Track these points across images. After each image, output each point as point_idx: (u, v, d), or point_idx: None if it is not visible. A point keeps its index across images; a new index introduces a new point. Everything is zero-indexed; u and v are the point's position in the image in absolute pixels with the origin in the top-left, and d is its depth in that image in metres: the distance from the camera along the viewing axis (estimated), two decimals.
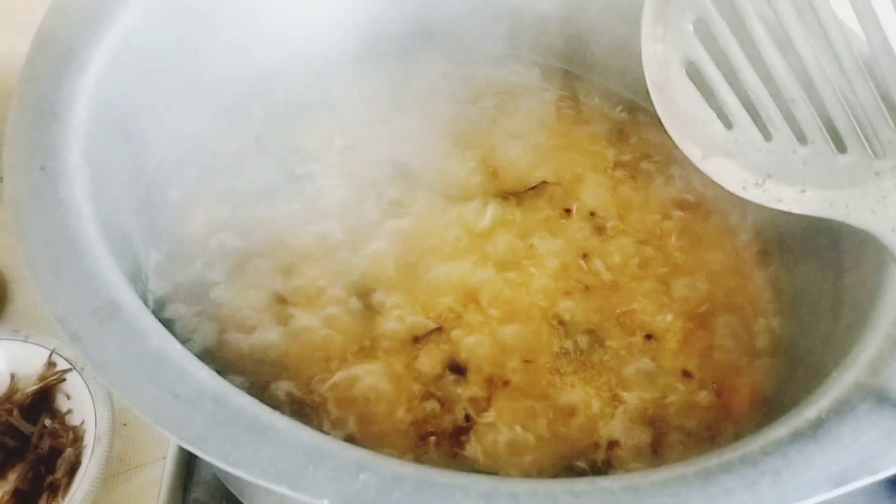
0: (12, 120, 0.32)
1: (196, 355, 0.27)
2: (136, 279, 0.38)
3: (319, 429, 0.29)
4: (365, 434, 0.36)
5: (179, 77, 0.41)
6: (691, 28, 0.33)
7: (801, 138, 0.32)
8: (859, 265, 0.37)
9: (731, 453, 0.26)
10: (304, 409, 0.36)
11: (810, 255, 0.41)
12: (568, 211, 0.46)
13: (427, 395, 0.37)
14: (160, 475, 0.48)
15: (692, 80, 0.34)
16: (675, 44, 0.34)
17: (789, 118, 0.32)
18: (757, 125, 0.33)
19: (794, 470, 0.25)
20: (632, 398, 0.38)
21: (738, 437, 0.37)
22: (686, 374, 0.39)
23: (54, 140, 0.32)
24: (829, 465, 0.25)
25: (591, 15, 0.52)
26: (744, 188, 0.33)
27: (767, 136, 0.33)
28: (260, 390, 0.37)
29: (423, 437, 0.36)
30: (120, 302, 0.28)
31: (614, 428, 0.37)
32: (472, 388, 0.38)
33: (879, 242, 0.31)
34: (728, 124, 0.34)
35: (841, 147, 0.32)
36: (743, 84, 0.33)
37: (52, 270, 0.28)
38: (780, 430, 0.27)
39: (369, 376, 0.38)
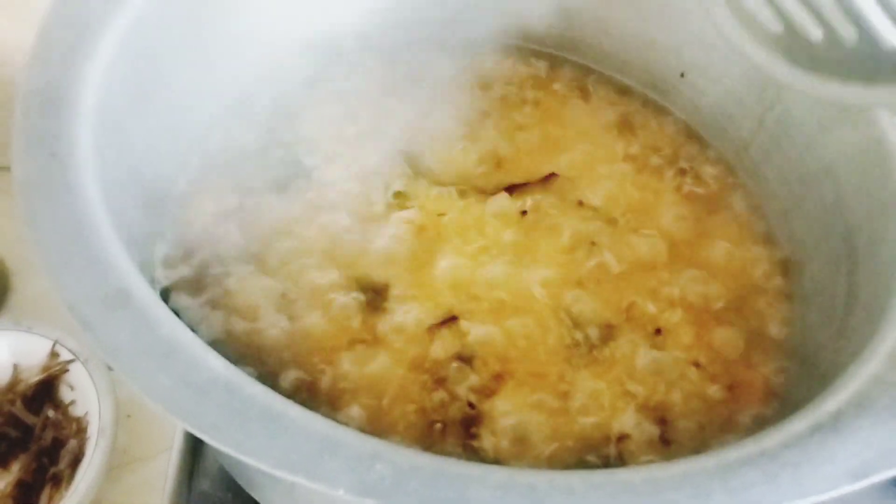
0: (20, 107, 0.32)
1: None
2: (143, 269, 0.37)
3: (329, 419, 0.29)
4: (375, 424, 0.35)
5: (188, 65, 0.41)
6: None
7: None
8: (874, 258, 0.36)
9: (750, 446, 0.26)
10: (312, 400, 0.36)
11: (823, 248, 0.41)
12: (577, 203, 0.45)
13: (436, 387, 0.37)
14: (165, 467, 0.48)
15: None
16: None
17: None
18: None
19: (814, 463, 0.25)
20: (642, 392, 0.38)
21: (750, 431, 0.37)
22: (697, 368, 0.39)
23: (63, 127, 0.31)
24: (849, 458, 0.25)
25: (600, 6, 0.52)
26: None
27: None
28: (268, 381, 0.36)
29: (433, 429, 0.36)
30: (131, 290, 0.27)
31: (625, 422, 0.37)
32: (481, 380, 0.38)
33: None
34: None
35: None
36: None
37: (62, 258, 0.27)
38: (799, 424, 0.27)
39: (377, 367, 0.37)
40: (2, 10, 0.51)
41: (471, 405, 0.36)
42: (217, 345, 0.37)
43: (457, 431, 0.36)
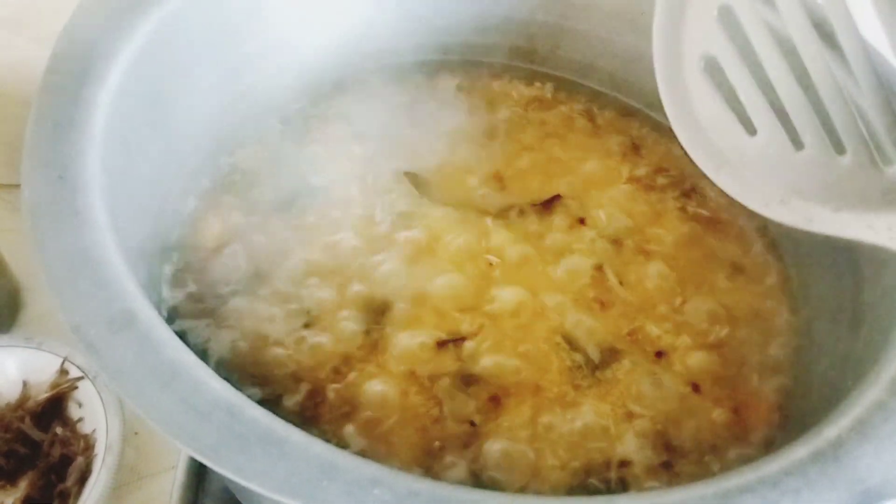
0: (31, 129, 0.32)
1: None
2: (150, 289, 0.38)
3: (332, 442, 0.29)
4: (376, 445, 0.35)
5: (195, 88, 0.42)
6: (716, 14, 0.28)
7: (838, 147, 0.27)
8: (879, 280, 0.36)
9: (750, 473, 0.26)
10: (316, 420, 0.36)
11: (828, 271, 0.41)
12: (582, 224, 0.45)
13: (438, 407, 0.37)
14: (170, 485, 0.48)
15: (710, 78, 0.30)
16: (694, 34, 0.29)
17: (824, 123, 0.28)
18: (786, 131, 0.28)
19: (815, 490, 0.25)
20: (645, 415, 0.38)
21: (754, 455, 0.36)
22: (701, 392, 0.39)
23: (72, 150, 0.32)
24: (851, 485, 0.25)
25: (604, 27, 0.52)
26: (766, 205, 0.29)
27: (798, 144, 0.28)
28: (272, 402, 0.37)
29: (434, 449, 0.36)
30: (136, 312, 0.28)
31: (628, 445, 0.37)
32: (482, 401, 0.37)
33: None
34: (751, 130, 0.29)
35: (885, 159, 0.27)
36: (773, 82, 0.28)
37: (68, 279, 0.28)
38: (800, 450, 0.27)
39: (380, 387, 0.37)
40: (23, 31, 0.52)
41: (472, 425, 0.36)
42: (222, 364, 0.38)
43: (457, 452, 0.36)
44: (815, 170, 0.28)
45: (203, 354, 0.38)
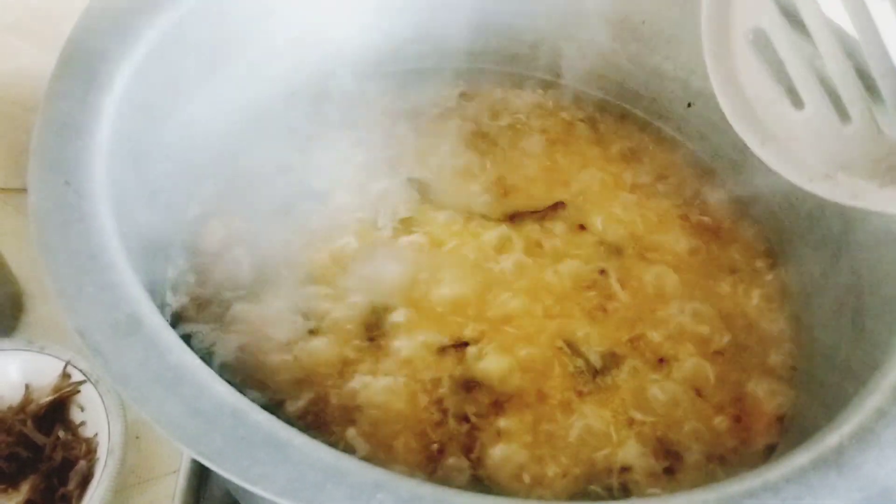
0: (37, 135, 0.32)
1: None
2: (154, 294, 0.38)
3: (335, 446, 0.29)
4: (379, 448, 0.36)
5: (200, 95, 0.42)
6: None
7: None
8: (880, 289, 0.36)
9: (752, 479, 0.26)
10: (318, 423, 0.36)
11: (830, 280, 0.41)
12: (583, 230, 0.46)
13: (440, 412, 0.37)
14: (172, 489, 0.48)
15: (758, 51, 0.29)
16: (744, 6, 0.28)
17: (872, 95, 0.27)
18: (833, 105, 0.27)
19: (816, 497, 0.25)
20: (647, 421, 0.38)
21: (755, 462, 0.37)
22: (702, 399, 0.39)
23: (78, 155, 0.32)
24: (852, 493, 0.25)
25: (606, 36, 0.52)
26: (810, 180, 0.28)
27: (845, 118, 0.27)
28: (274, 407, 0.37)
29: (436, 453, 0.36)
30: (141, 316, 0.28)
31: (629, 451, 0.37)
32: (484, 406, 0.38)
33: None
34: (798, 104, 0.28)
35: None
36: (822, 55, 0.27)
37: (74, 284, 0.28)
38: (801, 457, 0.27)
39: (382, 391, 0.38)
40: (30, 38, 0.52)
41: (474, 430, 0.37)
42: (225, 368, 0.38)
43: (459, 456, 0.36)
44: (861, 144, 0.27)
45: (206, 359, 0.38)
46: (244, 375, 0.38)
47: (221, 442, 0.25)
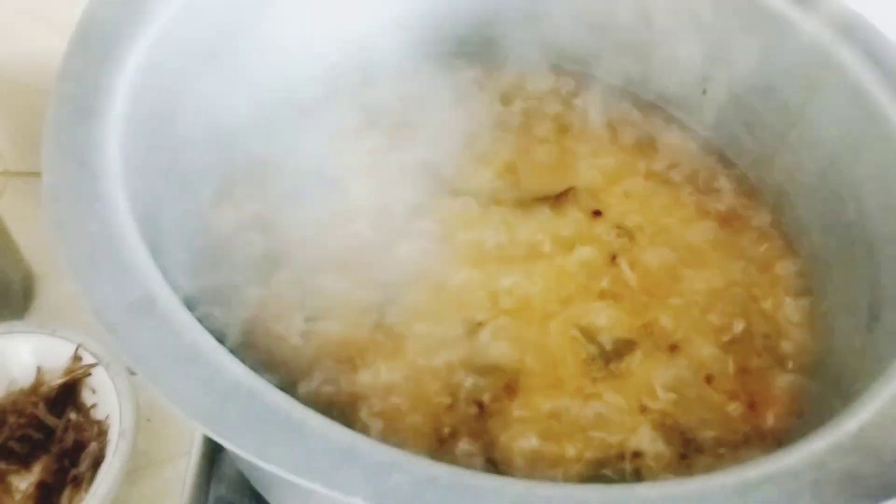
0: (51, 116, 0.32)
1: None
2: (167, 276, 0.38)
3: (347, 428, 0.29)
4: (391, 433, 0.36)
5: (213, 77, 0.42)
6: None
7: None
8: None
9: (770, 464, 0.26)
10: (330, 408, 0.36)
11: (846, 266, 0.41)
12: (596, 217, 0.45)
13: (453, 397, 0.37)
14: (184, 471, 0.48)
15: None
16: None
17: None
18: None
19: (834, 482, 0.25)
20: (660, 408, 0.38)
21: (768, 449, 0.36)
22: (716, 386, 0.39)
23: (92, 136, 0.32)
24: (871, 478, 0.25)
25: (620, 22, 0.52)
26: None
27: None
28: (286, 389, 0.37)
29: (449, 438, 0.36)
30: (156, 296, 0.28)
31: (642, 437, 0.37)
32: (497, 391, 0.38)
33: None
34: None
35: None
36: None
37: (89, 263, 0.28)
38: (820, 442, 0.27)
39: (395, 377, 0.38)
40: (41, 21, 0.52)
41: (486, 415, 0.37)
42: (237, 352, 0.38)
43: (472, 441, 0.36)
44: None
45: (218, 342, 0.38)
46: (256, 359, 0.38)
47: (237, 420, 0.25)
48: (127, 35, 0.36)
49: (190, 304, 0.39)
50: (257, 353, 0.38)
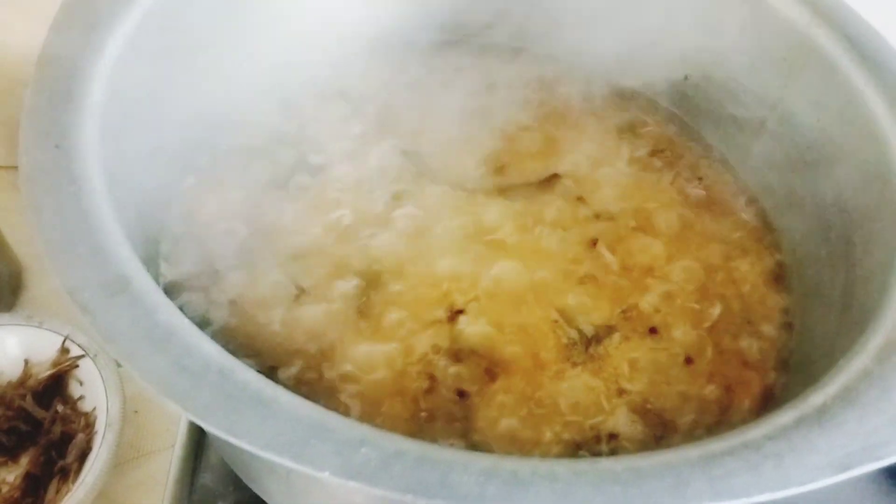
0: (29, 100, 0.32)
1: None
2: (148, 263, 0.38)
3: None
4: (370, 416, 0.36)
5: (196, 63, 0.42)
6: None
7: None
8: (869, 257, 0.36)
9: (734, 438, 0.26)
10: (311, 393, 0.37)
11: (822, 249, 0.41)
12: (578, 204, 0.46)
13: (432, 381, 0.37)
14: (169, 463, 0.48)
15: None
16: None
17: None
18: None
19: (797, 454, 0.25)
20: (637, 390, 0.38)
21: None
22: (693, 369, 0.39)
23: (70, 120, 0.32)
24: (833, 450, 0.25)
25: (603, 8, 0.52)
26: None
27: None
28: (266, 374, 0.37)
29: (427, 421, 0.36)
30: (130, 276, 0.28)
31: (619, 420, 0.37)
32: (476, 375, 0.38)
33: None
34: None
35: None
36: None
37: (64, 244, 0.28)
38: (784, 416, 0.27)
39: (376, 361, 0.38)
40: (24, 12, 0.52)
41: (464, 398, 0.37)
42: (218, 338, 0.38)
43: (450, 424, 0.36)
44: None
45: (200, 328, 0.38)
46: (237, 344, 0.38)
47: (208, 398, 0.25)
48: (108, 20, 0.36)
49: (172, 291, 0.39)
50: (238, 339, 0.38)
